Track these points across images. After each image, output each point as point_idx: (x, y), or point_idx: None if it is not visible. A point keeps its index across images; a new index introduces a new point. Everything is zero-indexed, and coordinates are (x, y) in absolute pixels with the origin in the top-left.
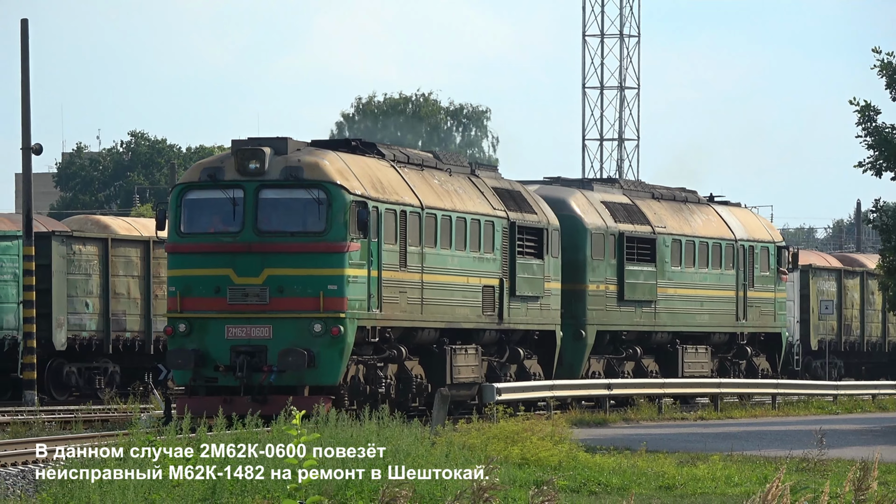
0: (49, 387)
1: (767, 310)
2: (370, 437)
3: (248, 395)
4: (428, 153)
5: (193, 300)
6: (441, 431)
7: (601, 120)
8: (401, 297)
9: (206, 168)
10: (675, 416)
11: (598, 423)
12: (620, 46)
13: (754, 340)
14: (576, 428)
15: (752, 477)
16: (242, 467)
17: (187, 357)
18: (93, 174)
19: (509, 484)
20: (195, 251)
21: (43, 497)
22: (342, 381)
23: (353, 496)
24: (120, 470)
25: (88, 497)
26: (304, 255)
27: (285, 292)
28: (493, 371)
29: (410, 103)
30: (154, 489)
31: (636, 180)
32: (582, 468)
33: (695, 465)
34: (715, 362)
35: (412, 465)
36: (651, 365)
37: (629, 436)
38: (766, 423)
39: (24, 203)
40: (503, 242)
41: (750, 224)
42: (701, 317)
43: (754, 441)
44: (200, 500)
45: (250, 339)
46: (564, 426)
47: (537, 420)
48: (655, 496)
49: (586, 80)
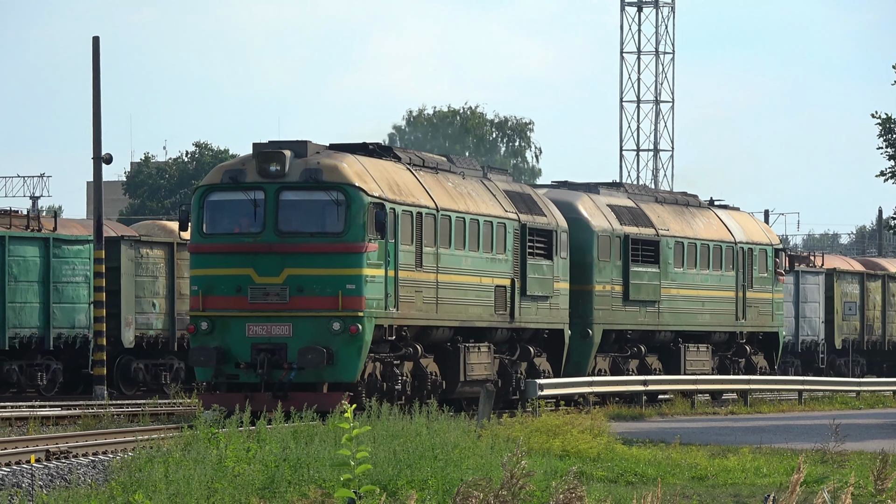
0: (118, 382)
1: (765, 310)
2: (420, 430)
3: (269, 391)
4: (442, 157)
5: (215, 299)
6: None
7: (638, 132)
8: (416, 297)
9: (228, 170)
10: (707, 411)
11: (635, 418)
12: (656, 63)
13: (753, 339)
14: (613, 422)
15: (780, 468)
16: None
17: (209, 354)
18: (159, 182)
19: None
20: (217, 251)
21: (112, 486)
22: (360, 378)
23: (404, 486)
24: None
25: (155, 486)
26: (323, 256)
27: (305, 291)
28: (505, 369)
29: (458, 116)
30: (216, 479)
31: (640, 184)
32: (619, 460)
33: (726, 457)
34: (715, 360)
35: (460, 457)
36: (654, 363)
37: (664, 429)
38: (792, 418)
39: (95, 209)
40: (514, 244)
41: (748, 227)
42: (702, 316)
43: (782, 434)
44: (259, 489)
45: (271, 336)
46: (603, 420)
47: (577, 414)
48: (689, 486)
49: (624, 95)
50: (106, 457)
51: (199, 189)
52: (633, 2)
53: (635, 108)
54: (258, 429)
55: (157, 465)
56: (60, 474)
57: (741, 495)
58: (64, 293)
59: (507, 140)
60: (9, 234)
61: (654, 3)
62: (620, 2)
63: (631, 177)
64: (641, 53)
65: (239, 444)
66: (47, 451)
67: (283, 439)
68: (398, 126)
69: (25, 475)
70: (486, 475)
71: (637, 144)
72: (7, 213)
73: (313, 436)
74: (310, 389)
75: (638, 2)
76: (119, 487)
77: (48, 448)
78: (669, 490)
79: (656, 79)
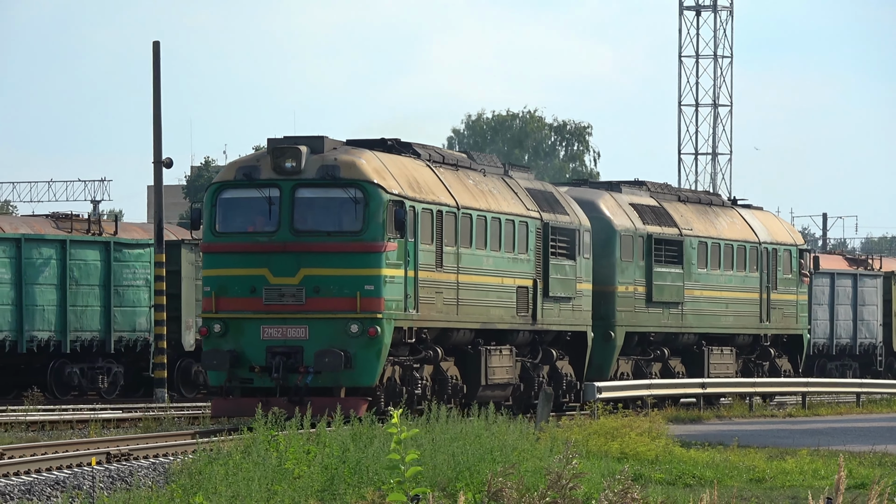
0: (178, 385)
1: (790, 312)
2: (480, 433)
3: (285, 396)
4: (462, 153)
5: (229, 300)
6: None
7: (696, 135)
8: (437, 298)
9: (242, 167)
10: (765, 414)
11: (693, 420)
12: (714, 66)
13: (777, 342)
14: (671, 424)
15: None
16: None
17: (223, 358)
18: None
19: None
20: (230, 251)
21: (172, 488)
22: (379, 383)
23: (463, 487)
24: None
25: (215, 488)
26: (340, 255)
27: (321, 292)
28: (527, 372)
29: (517, 119)
30: (276, 481)
31: (662, 183)
32: (677, 462)
33: (783, 460)
34: (739, 363)
35: (518, 458)
36: (678, 366)
37: (722, 432)
38: (850, 420)
39: (156, 213)
40: (536, 243)
41: (772, 227)
42: (726, 318)
43: (839, 437)
44: (319, 490)
45: (286, 339)
46: (661, 422)
47: (635, 417)
48: (746, 488)
49: (682, 98)
50: (166, 459)
51: (211, 186)
52: (691, 6)
53: (694, 112)
54: (318, 431)
55: (218, 467)
56: (121, 476)
57: (799, 497)
58: (125, 296)
59: (566, 144)
60: (70, 238)
61: (712, 7)
62: (679, 5)
63: (689, 180)
64: (700, 57)
65: (298, 446)
66: (108, 453)
67: (343, 441)
68: (457, 129)
69: (86, 477)
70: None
71: (695, 148)
72: (68, 217)
73: (372, 438)
74: (327, 394)
75: (696, 6)
76: (179, 489)
77: (109, 450)
78: (727, 492)
79: (714, 82)
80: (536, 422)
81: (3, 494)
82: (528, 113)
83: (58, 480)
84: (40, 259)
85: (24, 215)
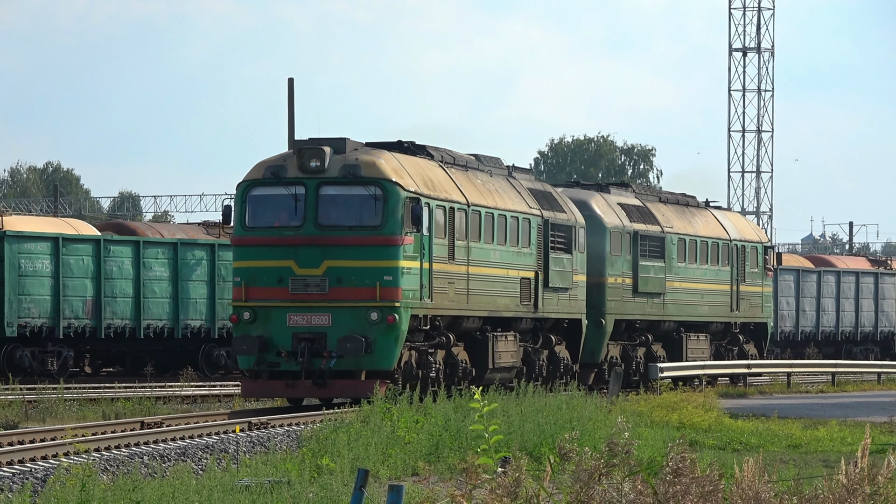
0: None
1: (756, 302)
2: (561, 405)
3: (309, 379)
4: (470, 155)
5: (257, 290)
6: (615, 401)
7: (743, 157)
8: (449, 288)
9: (270, 166)
10: (801, 390)
11: (740, 395)
12: (758, 98)
13: (745, 329)
14: (722, 399)
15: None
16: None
17: (252, 343)
18: None
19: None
20: (259, 244)
21: (303, 451)
22: (397, 367)
23: (546, 451)
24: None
25: (339, 451)
26: (361, 248)
27: (344, 282)
28: (529, 356)
29: (592, 143)
30: (390, 445)
31: (646, 184)
32: (727, 430)
33: (816, 429)
34: (712, 348)
35: (592, 427)
36: (659, 350)
37: (764, 405)
38: (873, 396)
39: None
40: (538, 238)
41: (741, 226)
42: (702, 308)
43: (864, 410)
44: (426, 454)
45: (311, 326)
46: (713, 397)
47: (691, 392)
48: (785, 453)
49: (731, 125)
50: (298, 427)
51: (241, 184)
52: (738, 48)
53: (741, 137)
54: (425, 404)
55: (341, 434)
56: (261, 441)
57: (829, 460)
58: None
59: (634, 164)
60: (217, 242)
61: (756, 48)
62: (728, 48)
63: (737, 195)
64: (746, 91)
65: (409, 417)
66: (249, 422)
67: (446, 413)
68: (542, 151)
69: (232, 442)
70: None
71: (742, 167)
72: (217, 225)
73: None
74: (348, 377)
75: (743, 48)
76: (309, 453)
77: (250, 420)
78: (769, 456)
79: (758, 112)
80: (608, 396)
81: (163, 457)
82: (601, 137)
83: (208, 445)
84: (193, 260)
85: (179, 223)
